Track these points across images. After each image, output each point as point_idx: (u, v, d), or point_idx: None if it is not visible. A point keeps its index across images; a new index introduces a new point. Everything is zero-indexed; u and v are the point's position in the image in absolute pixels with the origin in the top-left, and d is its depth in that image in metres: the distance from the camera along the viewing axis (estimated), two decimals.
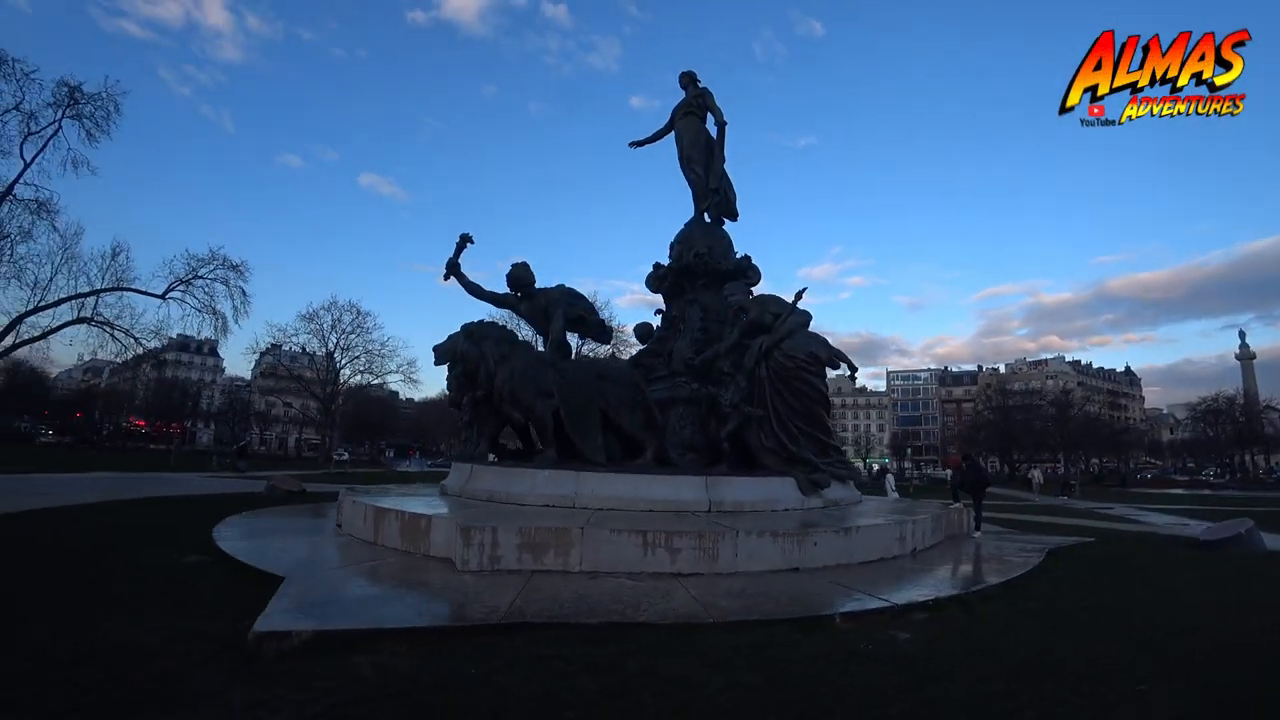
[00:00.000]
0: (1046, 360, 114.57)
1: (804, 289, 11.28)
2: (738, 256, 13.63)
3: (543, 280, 11.82)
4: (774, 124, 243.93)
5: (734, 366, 11.16)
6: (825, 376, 11.52)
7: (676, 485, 9.64)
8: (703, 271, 12.94)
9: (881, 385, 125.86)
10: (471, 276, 11.77)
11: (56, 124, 34.75)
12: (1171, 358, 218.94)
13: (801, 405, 11.17)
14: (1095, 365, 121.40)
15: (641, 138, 14.71)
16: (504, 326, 11.04)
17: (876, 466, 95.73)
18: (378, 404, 77.92)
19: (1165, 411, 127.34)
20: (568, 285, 11.98)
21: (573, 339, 14.77)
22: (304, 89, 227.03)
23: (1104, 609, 6.56)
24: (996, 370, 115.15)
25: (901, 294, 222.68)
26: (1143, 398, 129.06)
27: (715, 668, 4.29)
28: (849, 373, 13.28)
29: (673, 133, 14.31)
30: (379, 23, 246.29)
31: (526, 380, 10.38)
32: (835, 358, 12.74)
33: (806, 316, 12.50)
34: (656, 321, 13.87)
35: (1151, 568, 9.77)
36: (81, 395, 74.68)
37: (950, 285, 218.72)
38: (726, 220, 14.45)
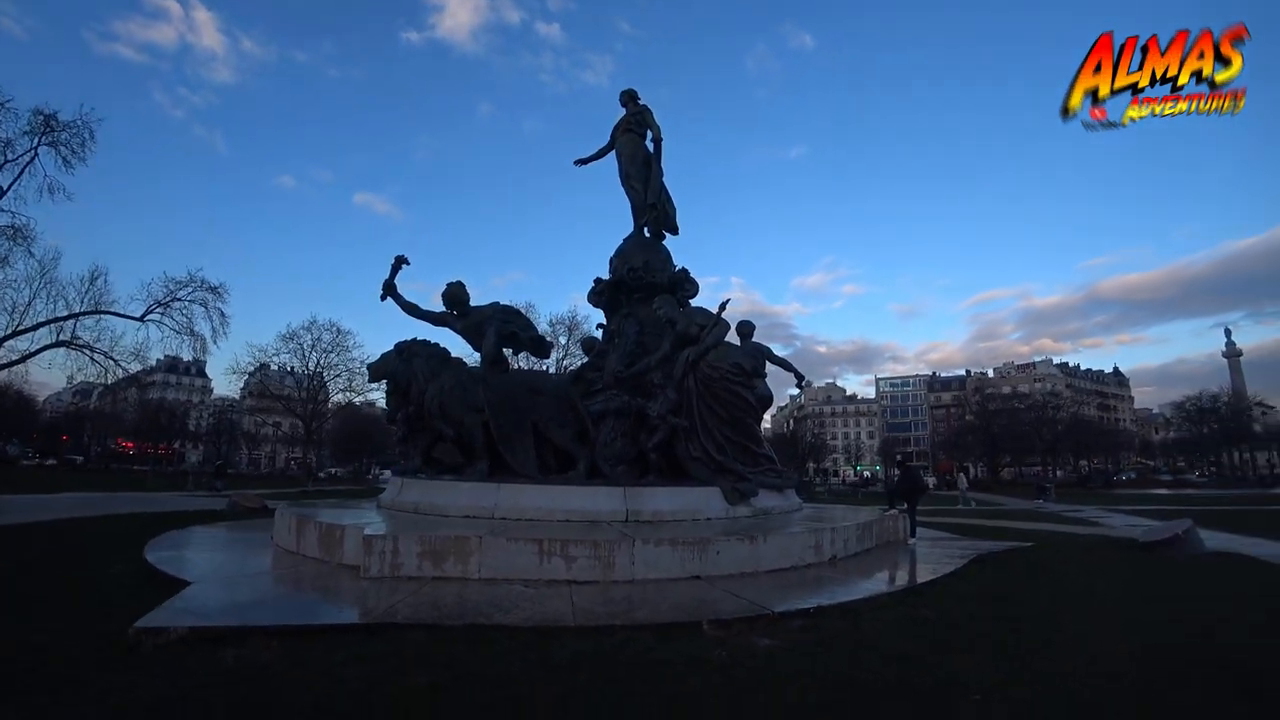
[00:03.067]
0: (1034, 364, 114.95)
1: (727, 300, 11.56)
2: (676, 270, 13.96)
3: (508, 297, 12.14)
4: (766, 136, 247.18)
5: (664, 378, 11.41)
6: (754, 386, 11.77)
7: (594, 496, 9.89)
8: (638, 286, 13.26)
9: (871, 392, 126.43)
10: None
11: (33, 152, 35.29)
12: (1164, 358, 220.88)
13: (729, 415, 11.43)
14: (1084, 367, 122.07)
15: (586, 155, 15.13)
16: (436, 345, 11.33)
17: (868, 474, 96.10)
18: (367, 421, 78.02)
19: (1156, 411, 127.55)
20: (503, 303, 12.34)
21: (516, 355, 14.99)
22: (298, 110, 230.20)
23: (995, 619, 6.48)
24: (985, 374, 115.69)
25: (895, 301, 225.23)
26: (1132, 398, 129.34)
27: (549, 670, 4.52)
28: (796, 382, 13.59)
29: (614, 150, 14.73)
30: (373, 43, 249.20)
31: (455, 396, 10.67)
32: (773, 365, 13.05)
33: (748, 326, 12.86)
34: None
35: (1074, 574, 9.80)
36: (70, 418, 74.84)
37: (943, 292, 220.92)
38: (668, 235, 14.83)
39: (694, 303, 13.72)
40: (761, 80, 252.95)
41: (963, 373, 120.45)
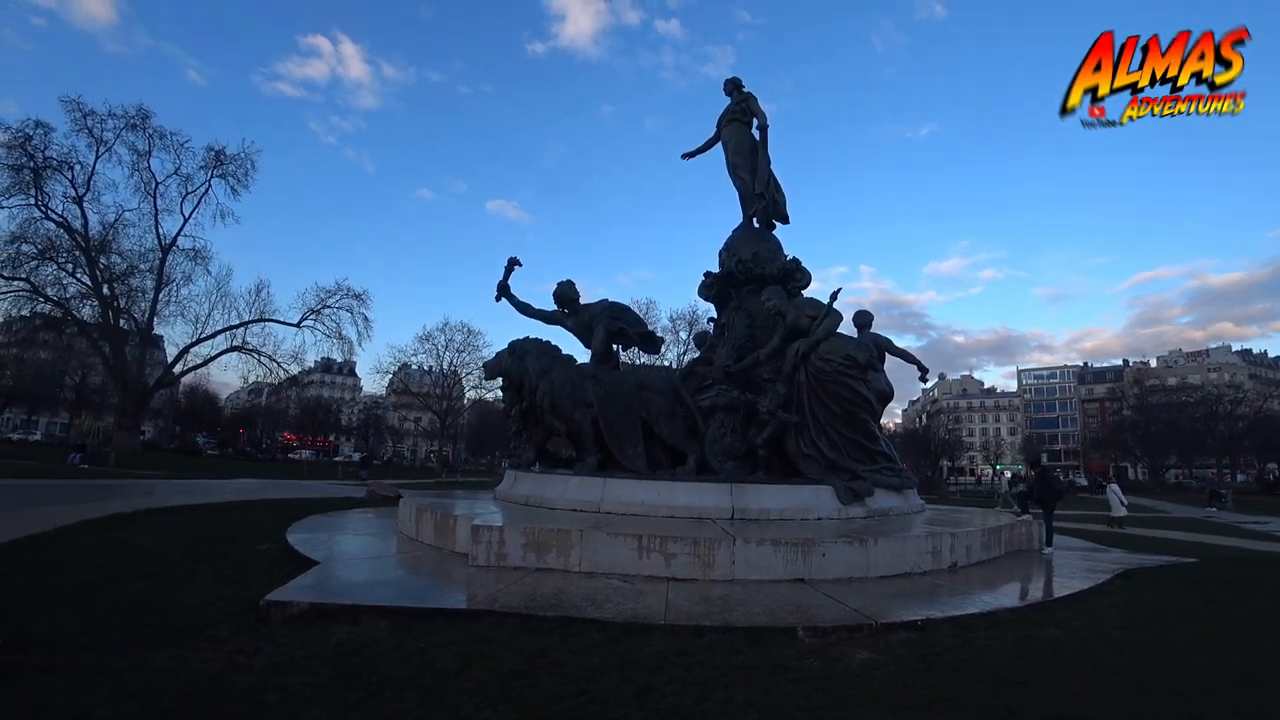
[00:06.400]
0: (1208, 351, 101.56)
1: (839, 289, 11.12)
2: (786, 260, 13.56)
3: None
4: (894, 115, 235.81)
5: (774, 372, 11.13)
6: (869, 380, 11.21)
7: (699, 492, 9.79)
8: (747, 278, 12.99)
9: (1013, 385, 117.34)
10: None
11: (207, 184, 41.00)
12: None
13: (842, 410, 10.94)
14: (1274, 355, 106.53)
15: (692, 149, 15.06)
16: (547, 343, 11.71)
17: (1009, 474, 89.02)
18: (499, 416, 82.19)
19: None
20: (612, 300, 12.54)
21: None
22: (435, 126, 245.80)
23: (1135, 645, 5.64)
24: (1146, 364, 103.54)
25: (1040, 285, 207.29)
26: None
27: (631, 667, 4.50)
28: (919, 375, 12.93)
29: (721, 141, 14.55)
30: (500, 58, 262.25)
31: (565, 392, 10.97)
32: (894, 357, 12.49)
33: (866, 317, 12.41)
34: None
35: (1246, 600, 8.32)
36: (246, 414, 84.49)
37: (1097, 273, 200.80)
38: (778, 223, 14.45)
39: (806, 293, 13.28)
40: (889, 58, 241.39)
41: (1119, 362, 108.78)
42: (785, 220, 14.44)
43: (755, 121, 13.85)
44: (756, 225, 14.04)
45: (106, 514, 11.59)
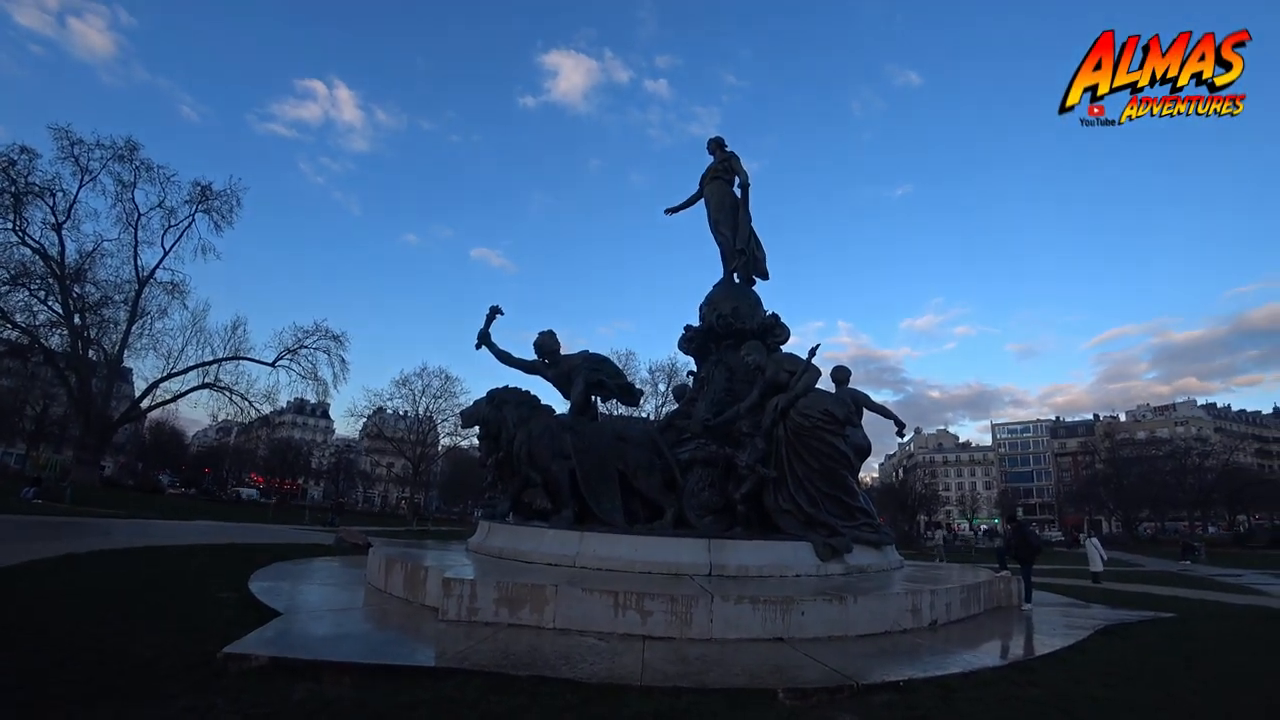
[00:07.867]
0: (1174, 405, 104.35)
1: (817, 345, 11.24)
2: (766, 315, 13.71)
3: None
4: (871, 176, 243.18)
5: (753, 427, 11.12)
6: (845, 435, 11.23)
7: (677, 547, 9.63)
8: (727, 332, 13.11)
9: (987, 439, 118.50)
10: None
11: (190, 218, 40.75)
12: None
13: (821, 465, 10.92)
14: (1236, 408, 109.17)
15: (675, 204, 15.34)
16: (526, 392, 11.63)
17: (984, 527, 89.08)
18: (474, 465, 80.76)
19: None
20: (592, 351, 12.55)
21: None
22: (423, 173, 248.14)
23: (1121, 705, 5.62)
24: (1116, 418, 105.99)
25: (1012, 341, 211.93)
26: None
27: None
28: (896, 430, 13.00)
29: (703, 198, 14.85)
30: (492, 111, 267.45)
31: (543, 443, 10.84)
32: (871, 412, 12.59)
33: (843, 372, 12.54)
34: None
35: (1227, 654, 8.52)
36: (213, 453, 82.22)
37: (1066, 330, 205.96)
38: (758, 279, 14.66)
39: (785, 348, 13.39)
40: (867, 123, 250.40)
41: (1090, 417, 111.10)
42: (765, 277, 14.68)
43: (737, 180, 14.20)
44: (737, 281, 14.24)
45: (57, 554, 11.09)
